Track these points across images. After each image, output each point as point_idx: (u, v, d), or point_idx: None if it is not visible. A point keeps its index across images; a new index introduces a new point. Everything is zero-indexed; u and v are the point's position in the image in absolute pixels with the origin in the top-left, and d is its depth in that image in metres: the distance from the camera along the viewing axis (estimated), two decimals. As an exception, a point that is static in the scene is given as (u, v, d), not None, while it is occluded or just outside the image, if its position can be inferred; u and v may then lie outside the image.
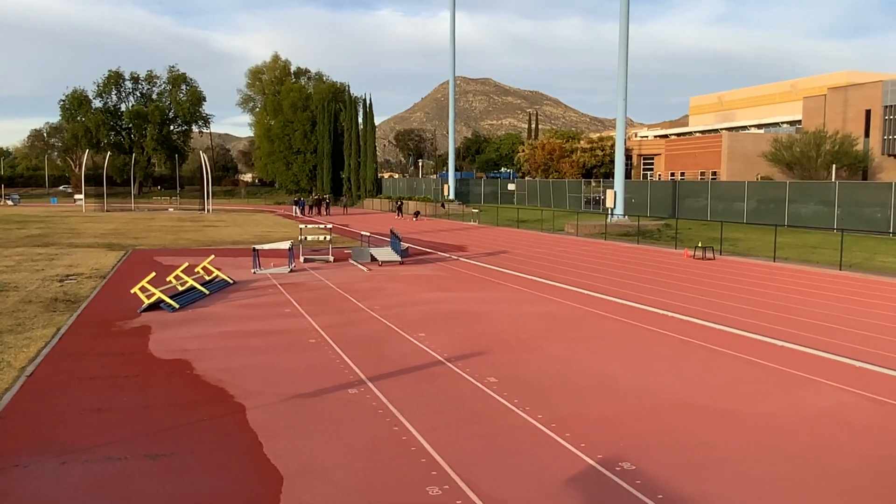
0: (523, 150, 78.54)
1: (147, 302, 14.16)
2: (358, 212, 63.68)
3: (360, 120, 78.03)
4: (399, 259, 22.61)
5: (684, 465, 6.45)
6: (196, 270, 17.77)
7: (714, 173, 61.15)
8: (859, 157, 50.84)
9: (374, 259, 22.62)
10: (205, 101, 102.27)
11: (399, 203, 57.93)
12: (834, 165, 47.58)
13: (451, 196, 61.30)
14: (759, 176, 52.79)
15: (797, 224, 34.91)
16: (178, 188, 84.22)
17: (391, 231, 25.50)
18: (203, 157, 68.12)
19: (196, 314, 13.85)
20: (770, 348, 11.08)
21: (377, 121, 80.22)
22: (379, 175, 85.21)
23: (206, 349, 10.89)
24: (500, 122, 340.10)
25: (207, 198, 63.36)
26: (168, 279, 16.31)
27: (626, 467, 6.37)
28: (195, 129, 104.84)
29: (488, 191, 68.84)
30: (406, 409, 7.95)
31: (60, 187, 71.84)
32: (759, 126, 78.63)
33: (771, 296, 16.24)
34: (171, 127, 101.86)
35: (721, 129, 76.38)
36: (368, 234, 30.40)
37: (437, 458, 6.58)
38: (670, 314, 13.94)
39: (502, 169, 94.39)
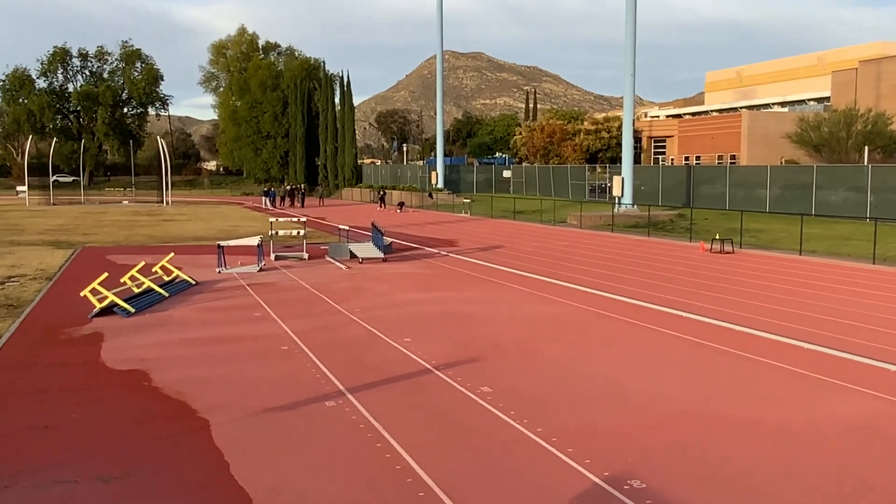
0: (520, 133, 78.66)
1: (99, 306, 14.10)
2: (335, 203, 63.63)
3: (337, 100, 78.03)
4: (382, 256, 22.64)
5: (700, 483, 6.48)
6: (154, 270, 17.75)
7: (733, 157, 61.41)
8: (895, 137, 51.13)
9: (353, 256, 22.64)
10: (162, 80, 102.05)
11: (381, 193, 57.97)
12: (866, 147, 47.82)
13: (440, 185, 61.33)
14: (783, 160, 53.05)
15: (826, 213, 35.11)
16: (134, 178, 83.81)
17: (373, 224, 25.51)
18: (161, 142, 67.85)
19: (154, 319, 13.82)
20: (796, 351, 11.15)
21: (356, 101, 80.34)
22: (359, 162, 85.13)
23: (166, 358, 10.87)
24: (493, 101, 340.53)
25: (166, 188, 63.20)
26: (122, 280, 16.26)
27: (636, 486, 6.40)
28: (152, 111, 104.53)
29: (481, 178, 68.94)
30: (390, 424, 7.96)
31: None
32: (782, 104, 79.00)
33: (797, 293, 16.34)
34: (125, 109, 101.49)
35: (740, 108, 76.76)
36: (347, 227, 30.38)
37: (424, 477, 6.59)
38: (684, 314, 14.01)
39: (497, 154, 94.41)
